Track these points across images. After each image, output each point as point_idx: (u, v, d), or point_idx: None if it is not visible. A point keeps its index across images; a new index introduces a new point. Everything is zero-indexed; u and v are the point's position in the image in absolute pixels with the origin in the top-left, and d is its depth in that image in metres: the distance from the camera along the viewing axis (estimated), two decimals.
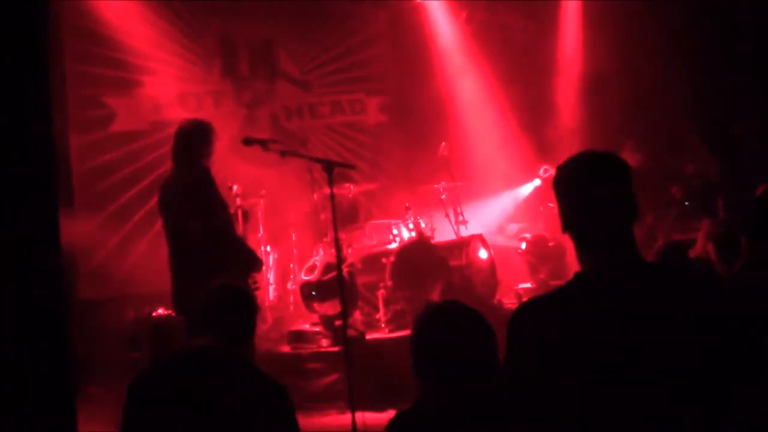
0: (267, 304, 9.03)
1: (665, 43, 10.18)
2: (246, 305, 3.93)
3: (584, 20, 11.00)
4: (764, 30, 9.54)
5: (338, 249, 6.47)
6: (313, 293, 8.32)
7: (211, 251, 5.97)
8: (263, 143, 6.46)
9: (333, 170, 6.31)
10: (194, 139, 6.24)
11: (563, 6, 11.14)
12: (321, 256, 8.57)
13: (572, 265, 3.41)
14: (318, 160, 6.59)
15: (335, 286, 7.58)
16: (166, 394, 3.45)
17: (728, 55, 9.88)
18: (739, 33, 9.73)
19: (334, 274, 7.95)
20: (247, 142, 6.47)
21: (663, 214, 10.00)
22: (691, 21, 9.97)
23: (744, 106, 10.04)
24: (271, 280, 9.27)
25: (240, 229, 7.48)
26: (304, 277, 8.49)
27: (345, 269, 8.24)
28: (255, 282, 6.71)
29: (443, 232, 9.42)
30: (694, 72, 10.15)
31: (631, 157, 9.79)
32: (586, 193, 2.45)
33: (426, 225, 9.17)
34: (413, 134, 11.00)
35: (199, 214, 6.06)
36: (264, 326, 8.74)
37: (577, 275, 2.42)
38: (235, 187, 8.00)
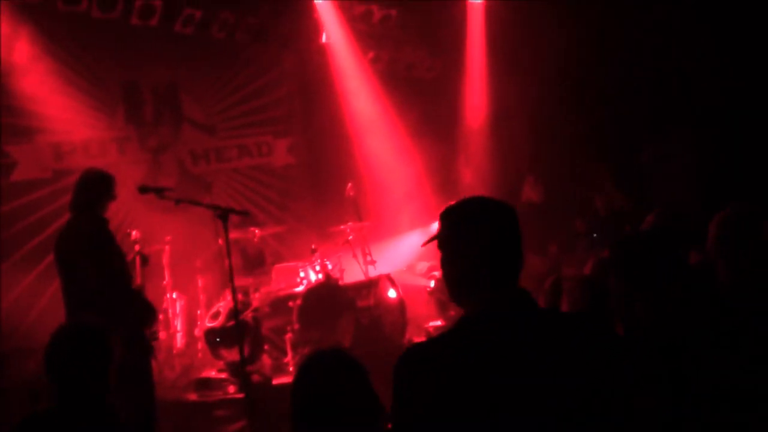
0: (175, 351, 8.92)
1: (569, 78, 10.35)
2: (83, 347, 3.45)
3: (489, 57, 11.15)
4: (664, 61, 9.85)
5: (234, 296, 6.51)
6: (218, 340, 8.22)
7: (106, 304, 5.87)
8: (159, 191, 6.50)
9: (227, 218, 6.30)
10: (92, 190, 6.20)
11: (469, 44, 11.25)
12: (225, 302, 8.48)
13: None
14: (212, 208, 6.54)
15: (240, 332, 7.59)
16: None
17: (630, 86, 10.11)
18: (642, 63, 10.03)
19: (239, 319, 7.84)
20: (143, 190, 6.50)
21: (570, 246, 10.16)
22: (594, 54, 10.14)
23: (647, 135, 10.24)
24: (179, 327, 9.13)
25: (138, 276, 7.35)
26: (209, 324, 8.39)
27: (249, 314, 8.37)
28: (153, 333, 6.69)
29: (352, 273, 9.39)
30: (598, 104, 10.35)
31: (533, 192, 10.06)
32: (471, 239, 2.47)
33: (334, 266, 9.15)
34: (322, 175, 11.05)
35: (93, 266, 6.00)
36: (172, 374, 8.68)
37: (461, 319, 2.43)
38: (133, 233, 7.89)
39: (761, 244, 3.91)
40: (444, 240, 2.53)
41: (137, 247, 7.77)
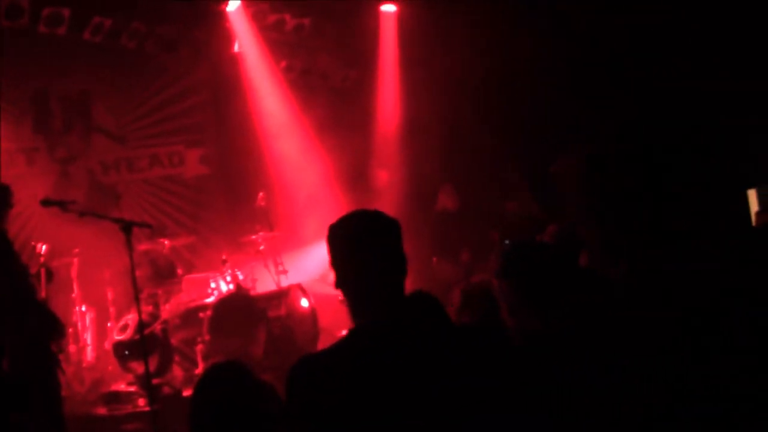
0: (85, 365, 8.82)
1: (482, 87, 10.47)
2: None
3: (402, 66, 11.20)
4: (578, 71, 9.99)
5: (139, 309, 6.58)
6: (126, 352, 8.23)
7: (9, 317, 5.89)
8: (62, 204, 6.53)
9: (131, 230, 6.36)
10: None
11: (382, 53, 11.27)
12: (134, 315, 8.41)
13: None
14: (115, 221, 6.54)
15: (149, 344, 7.68)
16: None
17: (543, 96, 10.22)
18: (556, 75, 10.13)
19: (147, 331, 7.89)
20: (45, 203, 6.55)
21: (483, 254, 10.29)
22: (509, 65, 10.26)
23: (559, 146, 10.41)
24: (88, 341, 9.03)
25: (43, 290, 7.27)
26: (117, 337, 8.38)
27: (158, 326, 8.37)
28: (59, 346, 6.67)
29: (264, 283, 9.42)
30: (512, 114, 10.47)
31: (448, 200, 10.18)
32: (356, 251, 2.53)
33: (245, 277, 9.19)
34: (234, 185, 11.01)
35: None
36: (82, 388, 8.59)
37: (351, 330, 2.49)
38: (40, 246, 7.79)
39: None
40: (331, 259, 2.59)
41: (42, 260, 7.70)
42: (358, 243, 2.54)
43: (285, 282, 9.40)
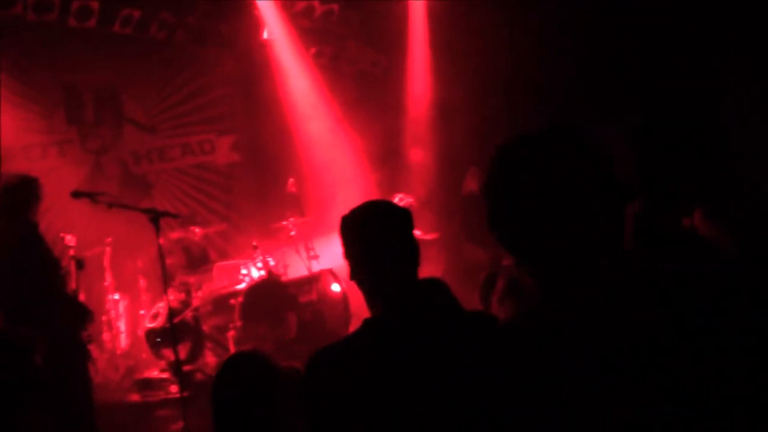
0: (119, 352, 8.95)
1: (511, 73, 10.31)
2: None
3: (432, 51, 11.09)
4: (604, 56, 9.76)
5: (167, 297, 6.71)
6: (158, 340, 8.32)
7: (39, 309, 5.89)
8: (91, 195, 6.57)
9: (159, 220, 6.43)
10: (19, 195, 6.15)
11: (411, 39, 11.18)
12: (165, 302, 8.49)
13: None
14: (144, 211, 6.60)
15: (180, 331, 7.90)
16: None
17: (576, 85, 10.04)
18: (586, 59, 9.91)
19: (178, 319, 8.06)
20: (76, 195, 6.57)
21: None
22: (536, 50, 10.07)
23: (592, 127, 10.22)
24: (122, 328, 9.15)
25: (73, 281, 7.35)
26: (149, 324, 8.48)
27: (189, 313, 8.45)
28: (89, 335, 6.72)
29: (296, 269, 9.45)
30: (542, 97, 10.21)
31: (474, 184, 10.06)
32: (368, 242, 2.55)
33: (277, 263, 9.19)
34: (265, 172, 11.05)
35: (24, 272, 6.00)
36: (116, 375, 8.72)
37: (366, 321, 2.51)
38: (68, 238, 7.87)
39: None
40: (344, 251, 2.63)
41: (71, 252, 7.77)
42: (371, 234, 2.57)
43: (316, 267, 9.43)
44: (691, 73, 8.93)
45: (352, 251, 2.60)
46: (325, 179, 10.83)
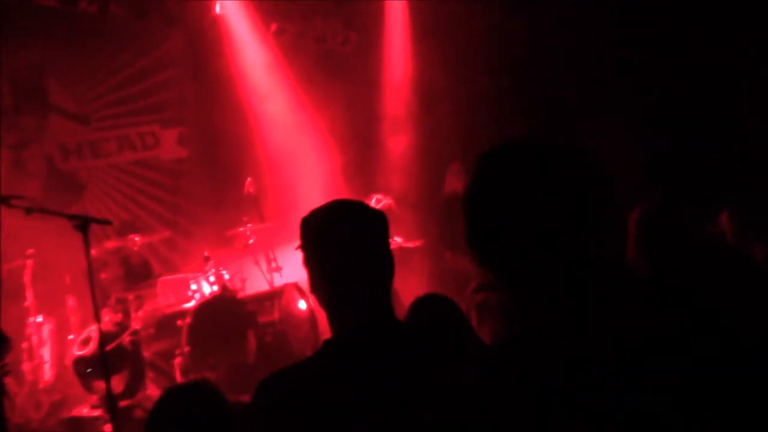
0: (41, 386, 8.05)
1: (498, 61, 9.91)
2: None
3: (412, 31, 10.50)
4: (595, 45, 9.51)
5: (98, 318, 5.80)
6: (89, 370, 7.53)
7: None
8: (4, 200, 5.96)
9: (88, 228, 5.71)
10: None
11: (388, 13, 10.53)
12: (97, 325, 7.55)
13: (403, 311, 3.48)
14: (68, 217, 5.83)
15: (116, 359, 7.31)
16: None
17: (564, 74, 9.67)
18: (573, 49, 9.60)
19: (113, 345, 7.40)
20: None
21: None
22: (527, 37, 9.73)
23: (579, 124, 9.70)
24: (46, 357, 8.23)
25: None
26: (78, 352, 7.66)
27: (127, 338, 7.75)
28: (4, 365, 5.89)
29: (255, 283, 8.83)
30: (530, 89, 9.84)
31: (457, 181, 9.48)
32: (332, 251, 2.33)
33: (232, 276, 8.56)
34: (218, 169, 10.40)
35: None
36: (38, 414, 7.87)
37: (326, 342, 2.33)
38: None
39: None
40: (304, 258, 2.40)
41: None
42: (333, 242, 2.34)
43: (279, 281, 8.69)
44: (707, 57, 8.67)
45: (312, 259, 2.38)
46: (289, 178, 10.12)
